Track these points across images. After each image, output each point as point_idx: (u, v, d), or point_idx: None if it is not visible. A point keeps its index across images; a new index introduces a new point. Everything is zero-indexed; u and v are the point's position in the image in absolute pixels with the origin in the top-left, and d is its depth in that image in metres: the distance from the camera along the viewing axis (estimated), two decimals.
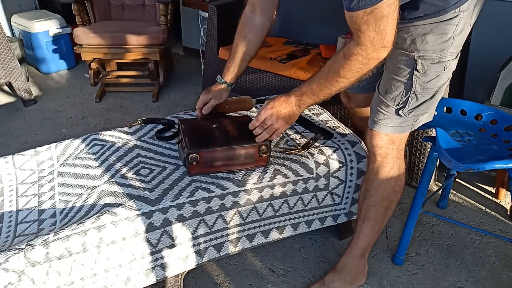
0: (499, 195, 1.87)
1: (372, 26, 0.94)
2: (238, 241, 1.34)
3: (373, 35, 0.96)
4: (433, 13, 1.04)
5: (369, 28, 0.94)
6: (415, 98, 1.14)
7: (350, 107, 1.55)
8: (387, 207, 1.31)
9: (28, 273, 0.99)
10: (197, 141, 1.27)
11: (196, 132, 1.32)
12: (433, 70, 1.10)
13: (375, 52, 0.99)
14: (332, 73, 1.07)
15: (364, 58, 1.01)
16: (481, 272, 1.53)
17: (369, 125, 1.24)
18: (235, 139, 1.29)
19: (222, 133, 1.32)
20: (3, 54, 2.55)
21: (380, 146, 1.22)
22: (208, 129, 1.34)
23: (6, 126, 2.52)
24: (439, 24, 1.05)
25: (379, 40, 0.97)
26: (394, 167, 1.25)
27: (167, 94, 2.95)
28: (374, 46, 0.98)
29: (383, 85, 1.19)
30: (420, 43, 1.07)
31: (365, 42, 0.97)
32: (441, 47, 1.07)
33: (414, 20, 1.07)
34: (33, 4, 3.51)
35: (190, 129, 1.33)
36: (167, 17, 2.81)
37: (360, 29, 0.95)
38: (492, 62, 2.03)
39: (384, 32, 0.95)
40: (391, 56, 1.16)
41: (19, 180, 1.36)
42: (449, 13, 1.03)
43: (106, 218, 1.10)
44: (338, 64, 1.05)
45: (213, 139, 1.29)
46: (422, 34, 1.07)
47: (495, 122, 1.42)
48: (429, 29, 1.06)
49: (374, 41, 0.97)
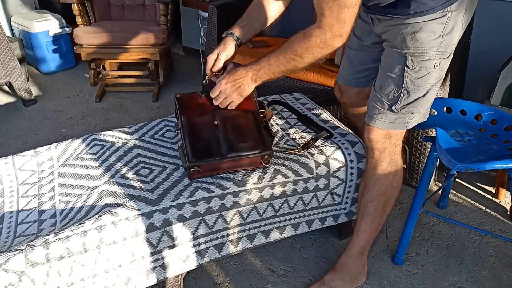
0: (499, 195, 1.87)
1: (334, 13, 1.00)
2: (239, 241, 1.34)
3: (334, 22, 1.02)
4: (423, 11, 1.07)
5: (331, 15, 1.01)
6: (407, 94, 1.17)
7: (343, 102, 1.59)
8: (385, 203, 1.32)
9: (29, 273, 0.99)
10: (199, 150, 1.23)
11: (198, 134, 1.26)
12: (423, 67, 1.13)
13: (332, 39, 1.05)
14: (290, 50, 1.13)
15: (321, 42, 1.07)
16: (481, 272, 1.53)
17: (366, 120, 1.28)
18: (239, 148, 1.24)
19: (224, 137, 1.25)
20: (3, 54, 2.55)
21: (377, 140, 1.26)
22: (209, 130, 1.27)
23: (6, 126, 2.52)
24: (428, 22, 1.08)
25: (338, 28, 1.03)
26: (391, 162, 1.28)
27: (167, 94, 2.95)
28: (332, 33, 1.04)
29: (378, 82, 1.24)
30: (410, 41, 1.11)
31: (325, 27, 1.04)
32: (430, 45, 1.10)
33: (406, 17, 1.10)
34: (33, 4, 3.51)
35: (191, 127, 1.26)
36: (167, 17, 2.81)
37: (324, 13, 1.02)
38: (492, 62, 2.03)
39: (343, 21, 1.02)
40: (384, 54, 1.22)
41: (19, 181, 1.36)
42: (438, 12, 1.07)
43: (107, 219, 1.10)
44: (297, 43, 1.11)
45: (215, 148, 1.24)
46: (412, 32, 1.10)
47: (495, 122, 1.43)
48: (418, 28, 1.09)
49: (333, 28, 1.03)
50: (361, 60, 1.41)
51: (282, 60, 1.15)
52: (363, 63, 1.41)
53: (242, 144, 1.25)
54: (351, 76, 1.47)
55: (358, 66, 1.43)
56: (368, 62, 1.39)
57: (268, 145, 1.28)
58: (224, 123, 1.28)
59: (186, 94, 1.34)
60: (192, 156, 1.21)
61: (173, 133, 1.53)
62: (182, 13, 3.45)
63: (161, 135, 1.52)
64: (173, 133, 1.53)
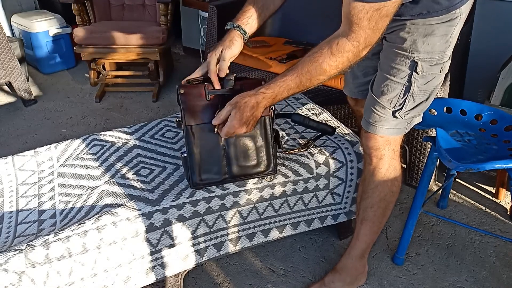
0: (499, 195, 1.87)
1: (372, 23, 0.89)
2: (238, 240, 1.34)
3: (369, 32, 0.91)
4: (436, 11, 1.01)
5: (369, 25, 0.89)
6: (412, 100, 1.12)
7: (357, 110, 1.53)
8: (385, 208, 1.30)
9: (29, 273, 0.99)
10: (205, 171, 1.16)
11: (204, 150, 1.15)
12: (431, 72, 1.08)
13: (363, 49, 0.94)
14: (316, 70, 0.99)
15: (353, 55, 0.95)
16: (481, 272, 1.53)
17: (363, 126, 1.22)
18: (246, 170, 1.20)
19: (232, 155, 1.17)
20: (3, 54, 2.55)
21: (376, 148, 1.21)
22: (217, 147, 1.16)
23: (6, 126, 2.52)
24: (441, 25, 1.03)
25: (371, 38, 0.92)
26: (390, 169, 1.24)
27: (167, 94, 2.94)
28: (365, 44, 0.93)
29: (377, 85, 1.16)
30: (421, 45, 1.05)
31: (359, 39, 0.92)
32: (441, 49, 1.06)
33: (415, 18, 1.04)
34: (33, 4, 3.51)
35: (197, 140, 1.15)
36: (167, 17, 2.81)
37: (360, 24, 0.89)
38: (492, 62, 2.03)
39: (379, 31, 0.91)
40: (386, 55, 1.12)
41: (19, 181, 1.36)
42: (451, 13, 1.02)
43: (107, 219, 1.10)
44: (326, 62, 0.97)
45: (221, 170, 1.18)
46: (424, 35, 1.04)
47: (495, 122, 1.42)
48: (430, 30, 1.04)
49: (368, 38, 0.92)
50: (364, 72, 1.34)
51: (305, 82, 1.01)
52: (367, 75, 1.32)
53: (249, 164, 1.20)
54: (357, 89, 1.40)
55: (361, 78, 1.36)
56: (371, 73, 1.27)
57: (275, 166, 1.23)
58: (233, 139, 1.17)
59: (191, 90, 1.17)
60: (197, 177, 1.17)
61: (173, 133, 1.53)
62: (182, 13, 3.45)
63: (161, 135, 1.52)
64: (173, 133, 1.53)
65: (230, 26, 1.17)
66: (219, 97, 1.16)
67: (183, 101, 1.15)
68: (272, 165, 1.22)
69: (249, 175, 1.22)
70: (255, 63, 2.18)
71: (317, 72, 0.99)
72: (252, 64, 2.20)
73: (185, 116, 1.14)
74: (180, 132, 1.52)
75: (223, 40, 1.16)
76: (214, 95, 1.16)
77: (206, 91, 1.16)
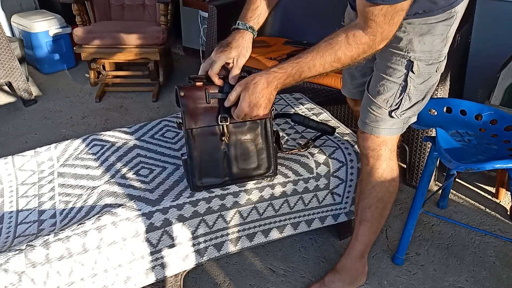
0: (499, 195, 1.87)
1: (388, 18, 0.90)
2: (238, 240, 1.34)
3: (386, 27, 0.92)
4: (433, 11, 1.02)
5: (385, 20, 0.90)
6: (408, 99, 1.12)
7: (356, 110, 1.52)
8: (383, 208, 1.30)
9: (29, 273, 0.99)
10: (205, 174, 1.17)
11: (205, 153, 1.15)
12: (427, 71, 1.09)
13: (380, 42, 0.95)
14: (331, 56, 0.98)
15: (369, 47, 0.95)
16: (481, 272, 1.53)
17: (359, 127, 1.22)
18: (247, 172, 1.20)
19: (233, 157, 1.17)
20: (3, 54, 2.55)
21: (373, 148, 1.20)
22: (218, 149, 1.16)
23: (6, 126, 2.52)
24: (437, 24, 1.03)
25: (387, 32, 0.93)
26: (387, 169, 1.23)
27: (167, 94, 2.94)
28: (382, 37, 0.94)
29: (373, 85, 1.16)
30: (417, 44, 1.05)
31: (375, 33, 0.93)
32: (436, 49, 1.06)
33: (411, 17, 1.04)
34: (33, 4, 3.51)
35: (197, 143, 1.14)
36: (167, 17, 2.81)
37: (376, 19, 0.91)
38: (492, 62, 2.03)
39: (395, 25, 0.92)
40: (382, 55, 1.12)
41: (19, 181, 1.36)
42: (446, 13, 1.02)
43: (107, 219, 1.10)
44: (342, 51, 0.97)
45: (222, 172, 1.18)
46: (419, 34, 1.05)
47: (495, 122, 1.42)
48: (426, 30, 1.04)
49: (384, 33, 0.93)
50: (362, 73, 1.34)
51: (318, 67, 1.00)
52: (365, 75, 1.31)
53: (249, 166, 1.20)
54: (356, 89, 1.41)
55: (359, 78, 1.36)
56: (369, 73, 1.26)
57: (275, 168, 1.24)
58: (234, 142, 1.17)
59: (191, 93, 1.14)
60: (198, 181, 1.17)
61: (173, 133, 1.53)
62: (182, 13, 3.45)
63: (161, 135, 1.52)
64: (173, 133, 1.53)
65: (243, 27, 1.13)
66: (220, 100, 1.14)
67: (184, 104, 1.13)
68: (273, 168, 1.23)
69: (250, 178, 1.23)
70: (255, 63, 2.18)
71: (332, 58, 0.98)
72: (252, 64, 2.20)
73: (185, 119, 1.13)
74: (180, 132, 1.52)
75: (239, 45, 1.11)
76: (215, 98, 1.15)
77: (207, 94, 1.14)
